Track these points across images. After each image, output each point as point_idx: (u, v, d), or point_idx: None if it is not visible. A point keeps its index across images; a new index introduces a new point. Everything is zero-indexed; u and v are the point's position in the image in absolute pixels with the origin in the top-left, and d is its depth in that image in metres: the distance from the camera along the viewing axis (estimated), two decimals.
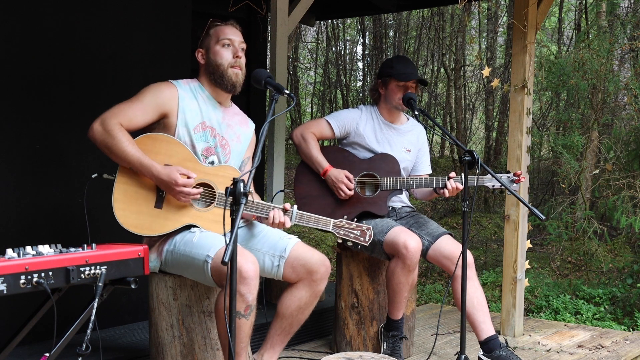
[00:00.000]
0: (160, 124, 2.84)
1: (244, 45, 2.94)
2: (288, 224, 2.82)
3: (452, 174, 3.48)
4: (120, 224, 2.72)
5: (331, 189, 3.58)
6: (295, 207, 2.88)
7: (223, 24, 2.94)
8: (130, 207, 2.75)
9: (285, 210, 2.84)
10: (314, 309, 2.94)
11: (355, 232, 2.93)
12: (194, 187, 2.75)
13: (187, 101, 2.86)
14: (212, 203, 2.84)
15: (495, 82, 4.08)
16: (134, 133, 2.77)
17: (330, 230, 2.92)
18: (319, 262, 2.83)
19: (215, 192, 2.84)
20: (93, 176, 2.79)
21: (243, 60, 2.93)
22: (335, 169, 3.57)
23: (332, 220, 2.92)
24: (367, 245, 2.95)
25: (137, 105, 2.77)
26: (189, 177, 2.71)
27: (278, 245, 2.85)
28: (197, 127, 2.86)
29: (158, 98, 2.80)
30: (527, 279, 4.30)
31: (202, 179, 2.82)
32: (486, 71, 4.04)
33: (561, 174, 6.57)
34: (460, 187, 3.41)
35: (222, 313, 2.60)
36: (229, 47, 2.90)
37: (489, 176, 3.40)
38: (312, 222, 2.91)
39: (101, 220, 2.87)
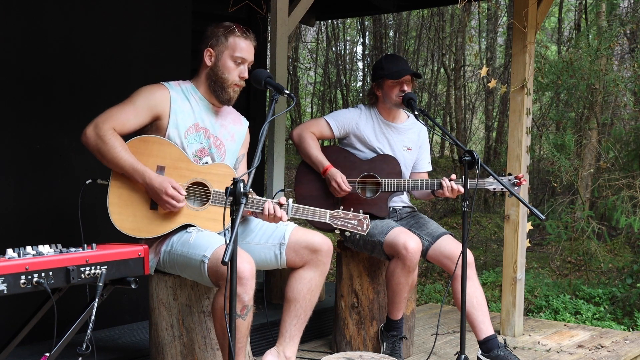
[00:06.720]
0: (153, 126, 2.85)
1: (252, 63, 2.93)
2: (285, 218, 2.82)
3: (453, 176, 3.48)
4: (117, 228, 2.73)
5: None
6: (291, 200, 2.87)
7: (243, 36, 2.89)
8: (126, 211, 2.75)
9: (280, 205, 2.84)
10: (314, 309, 2.94)
11: (352, 221, 2.91)
12: (184, 190, 2.76)
13: (179, 103, 2.86)
14: (207, 202, 2.84)
15: (492, 83, 4.08)
16: (127, 136, 2.78)
17: (327, 221, 2.90)
18: (321, 240, 2.85)
19: (209, 190, 2.84)
20: (87, 182, 2.79)
21: (244, 79, 2.94)
22: (334, 168, 3.57)
23: (329, 211, 2.91)
24: (365, 234, 2.92)
25: (129, 108, 2.77)
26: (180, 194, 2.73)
27: (276, 233, 2.87)
28: (190, 129, 2.86)
29: (150, 100, 2.80)
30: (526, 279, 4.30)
31: (196, 177, 2.82)
32: (484, 70, 4.03)
33: (553, 172, 6.57)
34: (461, 189, 3.40)
35: (219, 313, 2.61)
36: (240, 65, 2.89)
37: (490, 178, 3.40)
38: (309, 214, 2.89)
39: (101, 221, 2.87)
